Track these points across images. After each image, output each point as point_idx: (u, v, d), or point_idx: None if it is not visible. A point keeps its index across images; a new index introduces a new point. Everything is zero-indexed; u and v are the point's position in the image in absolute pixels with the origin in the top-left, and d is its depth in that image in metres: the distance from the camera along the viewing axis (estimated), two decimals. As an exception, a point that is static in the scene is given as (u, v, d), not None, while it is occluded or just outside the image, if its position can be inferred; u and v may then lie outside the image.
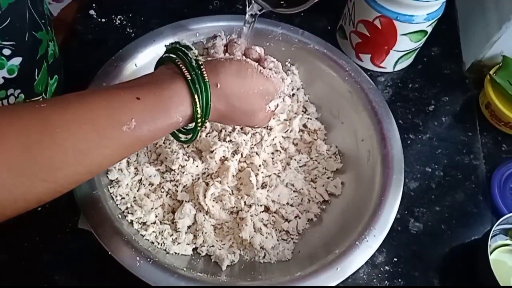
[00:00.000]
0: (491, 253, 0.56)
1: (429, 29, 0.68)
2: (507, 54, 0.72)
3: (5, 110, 0.35)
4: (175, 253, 0.51)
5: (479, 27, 0.76)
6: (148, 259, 0.45)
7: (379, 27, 0.67)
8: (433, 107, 0.72)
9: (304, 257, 0.52)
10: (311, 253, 0.52)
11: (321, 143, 0.61)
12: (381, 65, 0.73)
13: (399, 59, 0.72)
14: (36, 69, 0.50)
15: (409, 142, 0.67)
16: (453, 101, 0.73)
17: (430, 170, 0.65)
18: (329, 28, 0.79)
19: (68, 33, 0.73)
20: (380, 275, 0.55)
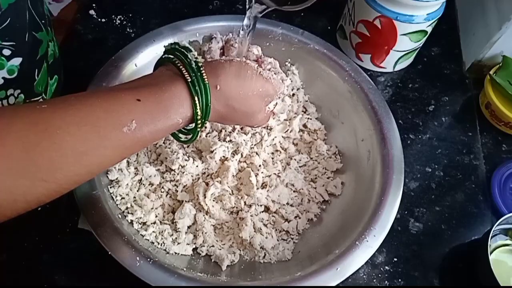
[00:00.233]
0: (491, 253, 0.56)
1: (429, 29, 0.68)
2: (507, 54, 0.72)
3: (5, 110, 0.35)
4: (175, 253, 0.51)
5: (479, 27, 0.76)
6: (148, 259, 0.45)
7: (379, 27, 0.67)
8: (433, 107, 0.72)
9: (304, 257, 0.52)
10: (311, 253, 0.52)
11: (321, 143, 0.61)
12: (381, 65, 0.73)
13: (399, 59, 0.72)
14: (36, 69, 0.50)
15: (409, 142, 0.67)
16: (453, 101, 0.73)
17: (430, 170, 0.65)
18: (329, 28, 0.79)
19: (68, 33, 0.73)
20: (380, 275, 0.55)
